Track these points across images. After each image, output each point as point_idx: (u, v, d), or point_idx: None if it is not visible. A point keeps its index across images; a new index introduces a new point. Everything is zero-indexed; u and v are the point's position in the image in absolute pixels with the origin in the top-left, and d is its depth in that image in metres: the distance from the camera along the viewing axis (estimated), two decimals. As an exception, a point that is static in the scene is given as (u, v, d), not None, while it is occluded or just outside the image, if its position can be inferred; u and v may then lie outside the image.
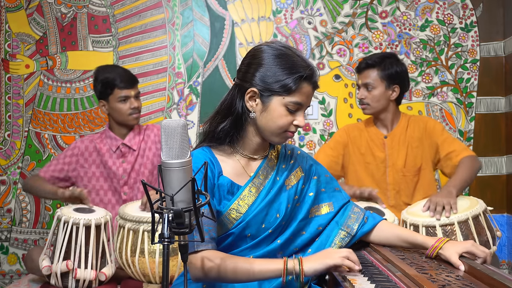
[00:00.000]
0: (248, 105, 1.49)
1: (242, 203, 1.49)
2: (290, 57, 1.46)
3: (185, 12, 3.26)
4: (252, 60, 1.49)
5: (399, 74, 2.51)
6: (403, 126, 2.56)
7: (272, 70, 1.45)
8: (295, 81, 1.44)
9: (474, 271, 1.31)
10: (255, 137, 1.53)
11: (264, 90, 1.46)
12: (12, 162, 3.20)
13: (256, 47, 1.53)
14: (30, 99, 3.22)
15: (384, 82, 2.49)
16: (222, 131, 1.51)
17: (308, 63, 1.48)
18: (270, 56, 1.47)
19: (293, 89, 1.44)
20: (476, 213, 2.00)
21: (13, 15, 3.22)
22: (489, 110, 3.30)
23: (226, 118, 1.51)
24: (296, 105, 1.46)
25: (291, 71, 1.44)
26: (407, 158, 2.52)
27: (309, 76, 1.46)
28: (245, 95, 1.49)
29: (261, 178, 1.54)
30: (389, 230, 1.61)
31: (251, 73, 1.48)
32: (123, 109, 2.60)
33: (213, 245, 1.40)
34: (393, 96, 2.53)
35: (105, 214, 2.23)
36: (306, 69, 1.45)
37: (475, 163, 2.37)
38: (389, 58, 2.53)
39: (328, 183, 1.65)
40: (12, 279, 3.18)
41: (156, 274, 2.10)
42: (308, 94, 1.48)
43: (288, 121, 1.47)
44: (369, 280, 1.29)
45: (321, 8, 3.29)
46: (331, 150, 2.62)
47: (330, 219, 1.60)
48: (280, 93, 1.45)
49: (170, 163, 1.12)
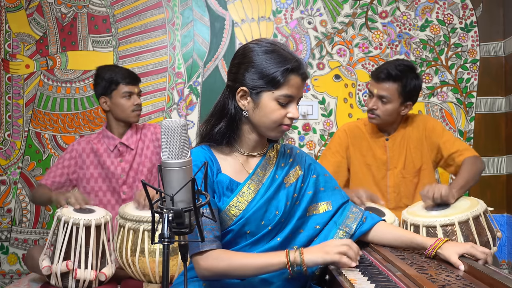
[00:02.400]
0: (240, 104, 1.51)
1: (242, 200, 1.50)
2: (275, 52, 1.48)
3: (185, 12, 3.26)
4: (240, 60, 1.52)
5: (417, 90, 2.42)
6: (403, 127, 2.53)
7: (259, 67, 1.47)
8: (282, 74, 1.45)
9: (474, 271, 1.31)
10: (251, 135, 1.55)
11: (253, 88, 1.48)
12: (12, 162, 3.20)
13: (243, 46, 1.55)
14: (30, 99, 3.22)
15: (401, 98, 2.38)
16: (218, 133, 1.53)
17: (294, 55, 1.49)
18: (256, 54, 1.48)
19: (281, 82, 1.46)
20: (477, 213, 1.99)
21: (13, 15, 3.23)
22: (489, 110, 3.30)
23: (220, 120, 1.53)
24: (286, 98, 1.48)
25: (277, 65, 1.46)
26: (406, 160, 2.49)
27: (295, 67, 1.47)
28: (236, 95, 1.51)
29: (260, 175, 1.55)
30: (387, 230, 1.61)
31: (240, 73, 1.50)
32: (126, 105, 2.61)
33: (218, 244, 1.43)
34: (404, 112, 2.45)
35: (105, 214, 2.23)
36: (291, 61, 1.46)
37: (477, 164, 2.33)
38: (411, 73, 2.40)
39: (327, 182, 1.65)
40: (12, 279, 3.18)
41: (156, 273, 2.10)
42: (298, 85, 1.49)
43: (281, 115, 1.49)
44: (369, 280, 1.29)
45: (321, 8, 3.29)
46: (334, 156, 2.56)
47: (328, 218, 1.60)
48: (269, 88, 1.46)
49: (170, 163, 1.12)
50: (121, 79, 2.61)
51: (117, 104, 2.61)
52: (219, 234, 1.45)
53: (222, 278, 1.43)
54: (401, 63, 2.43)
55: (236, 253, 1.44)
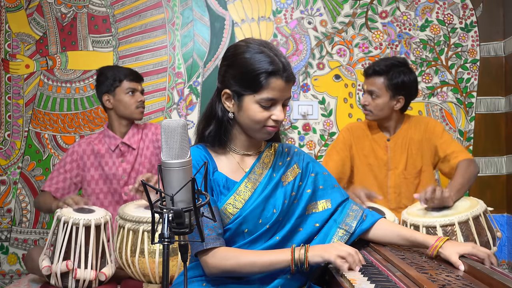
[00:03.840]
0: (226, 106, 1.52)
1: (239, 198, 1.50)
2: (261, 54, 1.45)
3: (185, 12, 3.26)
4: (227, 62, 1.52)
5: (406, 84, 2.43)
6: (405, 129, 2.54)
7: (241, 69, 1.46)
8: (264, 78, 1.43)
9: (474, 271, 1.31)
10: (242, 135, 1.56)
11: (236, 91, 1.48)
12: (12, 162, 3.20)
13: (232, 46, 1.54)
14: (30, 99, 3.22)
15: (389, 92, 2.42)
16: (209, 136, 1.54)
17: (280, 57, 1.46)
18: (240, 56, 1.47)
19: (261, 85, 1.44)
20: (477, 213, 1.99)
21: (13, 15, 3.23)
22: (489, 110, 3.30)
23: (210, 122, 1.54)
24: (268, 101, 1.46)
25: (258, 68, 1.44)
26: (408, 161, 2.51)
27: (276, 70, 1.44)
28: (222, 97, 1.51)
29: (257, 174, 1.55)
30: (388, 228, 1.60)
31: (226, 76, 1.50)
32: (130, 102, 2.61)
33: (222, 241, 1.44)
34: (397, 107, 2.47)
35: (105, 214, 2.22)
36: (273, 64, 1.44)
37: (471, 167, 2.33)
38: (398, 67, 2.43)
39: (326, 180, 1.64)
40: (12, 279, 3.18)
41: (156, 274, 2.10)
42: (280, 88, 1.46)
43: (264, 117, 1.48)
44: (368, 280, 1.29)
45: (321, 8, 3.29)
46: (338, 154, 2.58)
47: (328, 216, 1.59)
48: (249, 92, 1.46)
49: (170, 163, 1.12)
50: (124, 76, 2.61)
51: (120, 100, 2.61)
52: (222, 231, 1.46)
53: (228, 274, 1.44)
54: (389, 59, 2.53)
55: (243, 251, 1.45)
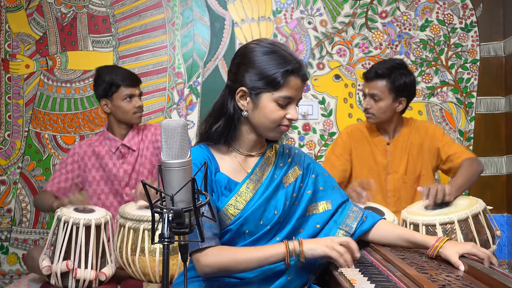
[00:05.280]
0: (240, 104, 1.51)
1: (240, 199, 1.50)
2: (276, 53, 1.48)
3: (185, 12, 3.26)
4: (241, 60, 1.52)
5: (408, 86, 2.44)
6: (405, 133, 2.54)
7: (259, 68, 1.47)
8: (282, 76, 1.45)
9: (474, 271, 1.31)
10: (250, 135, 1.55)
11: (253, 88, 1.48)
12: (12, 162, 3.20)
13: (243, 46, 1.56)
14: (30, 99, 3.22)
15: (392, 95, 2.42)
16: (216, 132, 1.53)
17: (295, 56, 1.50)
18: (256, 54, 1.49)
19: (280, 84, 1.46)
20: (476, 211, 2.00)
21: (13, 15, 3.23)
22: (489, 110, 3.31)
23: (219, 119, 1.54)
24: (286, 100, 1.48)
25: (277, 66, 1.46)
26: (408, 165, 2.52)
27: (295, 69, 1.47)
28: (236, 95, 1.51)
29: (259, 174, 1.56)
30: (388, 229, 1.61)
31: (239, 73, 1.51)
32: (128, 107, 2.59)
33: (217, 241, 1.43)
34: (399, 109, 2.48)
35: (105, 214, 2.23)
36: (291, 63, 1.46)
37: (475, 165, 2.35)
38: (399, 69, 2.44)
39: (326, 181, 1.65)
40: (12, 279, 3.18)
41: (157, 273, 2.11)
42: (297, 87, 1.49)
43: (280, 116, 1.49)
44: (368, 280, 1.29)
45: (321, 8, 3.29)
46: (338, 159, 2.58)
47: (328, 217, 1.60)
48: (268, 89, 1.47)
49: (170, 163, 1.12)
50: (121, 82, 2.58)
51: (118, 106, 2.59)
52: (218, 232, 1.46)
53: (223, 273, 1.44)
54: (388, 61, 2.52)
55: (237, 248, 1.46)
